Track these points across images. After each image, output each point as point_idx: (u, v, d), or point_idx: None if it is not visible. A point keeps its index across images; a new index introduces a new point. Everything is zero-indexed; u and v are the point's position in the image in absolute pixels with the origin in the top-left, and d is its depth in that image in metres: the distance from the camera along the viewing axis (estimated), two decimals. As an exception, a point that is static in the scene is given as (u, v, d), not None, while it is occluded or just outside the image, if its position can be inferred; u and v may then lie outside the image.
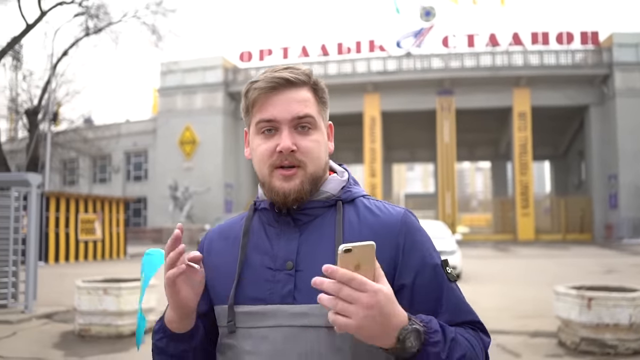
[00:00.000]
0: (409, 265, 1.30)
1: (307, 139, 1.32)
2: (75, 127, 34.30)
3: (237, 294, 1.31)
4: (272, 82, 1.31)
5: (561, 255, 25.41)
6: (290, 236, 1.33)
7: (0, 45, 23.68)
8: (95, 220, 24.62)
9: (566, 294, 7.18)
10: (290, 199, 1.31)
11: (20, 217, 10.70)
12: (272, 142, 1.31)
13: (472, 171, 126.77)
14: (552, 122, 44.11)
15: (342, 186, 1.40)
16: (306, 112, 1.31)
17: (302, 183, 1.30)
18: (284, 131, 1.30)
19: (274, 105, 1.31)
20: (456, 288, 1.33)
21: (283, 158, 1.29)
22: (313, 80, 1.36)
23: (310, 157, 1.31)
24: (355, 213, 1.36)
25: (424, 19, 41.40)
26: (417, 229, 1.35)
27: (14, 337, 8.24)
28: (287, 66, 1.36)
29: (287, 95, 1.31)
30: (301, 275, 1.28)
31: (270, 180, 1.32)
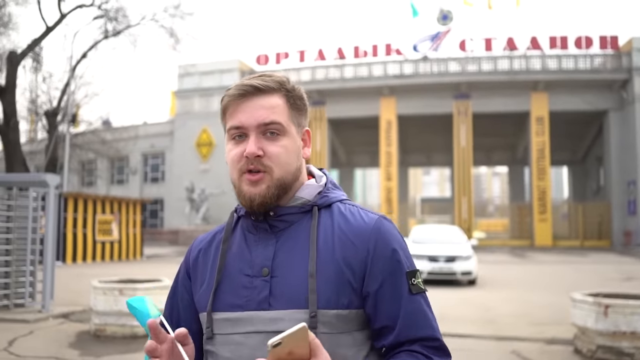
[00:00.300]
0: (375, 274, 1.30)
1: (275, 144, 1.33)
2: (93, 129, 34.63)
3: (216, 301, 1.33)
4: (241, 90, 1.33)
5: (579, 261, 25.18)
6: (267, 242, 1.35)
7: (20, 47, 23.95)
8: (112, 221, 24.81)
9: (583, 301, 7.11)
10: (256, 204, 1.32)
11: (39, 217, 10.82)
12: (240, 147, 1.33)
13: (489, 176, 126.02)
14: (571, 127, 43.76)
15: (318, 191, 1.41)
16: (272, 119, 1.32)
17: (268, 188, 1.31)
18: (251, 137, 1.32)
19: (243, 111, 1.33)
20: (419, 299, 1.32)
21: (249, 163, 1.31)
22: (286, 87, 1.37)
23: (277, 163, 1.32)
24: (330, 218, 1.37)
25: (441, 23, 41.28)
26: (388, 238, 1.34)
27: (31, 336, 8.32)
28: (262, 74, 1.38)
29: (255, 102, 1.33)
30: (276, 281, 1.30)
31: (239, 185, 1.34)
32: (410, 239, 17.00)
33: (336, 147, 47.96)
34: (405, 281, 1.31)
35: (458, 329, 8.67)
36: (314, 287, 1.26)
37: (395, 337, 1.29)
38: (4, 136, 22.32)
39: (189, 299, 1.43)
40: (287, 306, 1.26)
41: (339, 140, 47.61)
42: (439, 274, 15.26)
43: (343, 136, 46.87)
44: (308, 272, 1.28)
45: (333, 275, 1.28)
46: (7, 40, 24.99)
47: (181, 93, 44.96)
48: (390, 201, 40.86)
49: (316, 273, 1.27)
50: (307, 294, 1.26)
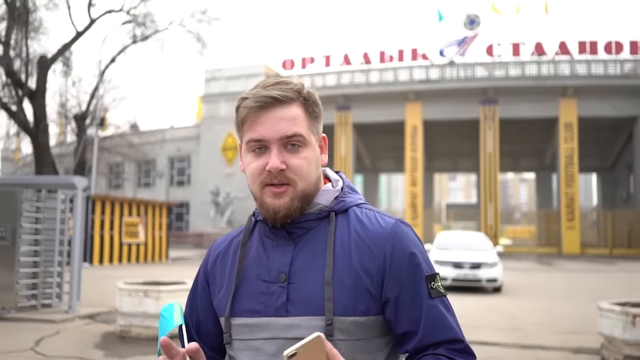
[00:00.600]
0: (394, 279, 1.30)
1: (297, 156, 1.31)
2: (121, 132, 35.11)
3: (234, 306, 1.34)
4: (260, 101, 1.30)
5: (607, 270, 24.79)
6: (285, 249, 1.35)
7: (51, 52, 24.36)
8: (138, 223, 25.07)
9: (610, 310, 7.00)
10: (280, 216, 1.31)
11: (66, 219, 10.97)
12: (261, 160, 1.31)
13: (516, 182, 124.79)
14: (600, 134, 43.12)
15: (335, 196, 1.40)
16: (295, 131, 1.31)
17: (292, 200, 1.31)
18: (273, 150, 1.30)
19: (263, 124, 1.31)
20: (439, 303, 1.31)
21: (272, 176, 1.30)
22: (303, 95, 1.35)
23: (299, 175, 1.31)
24: (347, 224, 1.36)
25: (468, 28, 41.04)
26: (406, 241, 1.34)
27: (57, 336, 8.43)
28: (278, 80, 1.35)
29: (275, 113, 1.31)
30: (294, 288, 1.30)
31: (262, 197, 1.33)
32: (435, 245, 16.89)
33: (361, 152, 47.90)
34: (425, 285, 1.31)
35: (482, 337, 8.58)
36: (330, 295, 1.26)
37: (419, 342, 1.28)
38: (34, 139, 22.68)
39: (208, 302, 1.44)
40: (304, 313, 1.26)
41: (364, 145, 47.55)
42: (464, 280, 15.13)
43: (368, 141, 46.79)
44: (325, 279, 1.28)
45: (350, 282, 1.28)
46: (37, 45, 25.42)
47: (207, 97, 45.33)
48: (415, 207, 40.65)
49: (333, 280, 1.27)
50: (323, 301, 1.26)
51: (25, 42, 22.82)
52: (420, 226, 39.49)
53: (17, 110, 22.70)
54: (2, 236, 10.01)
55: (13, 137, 29.89)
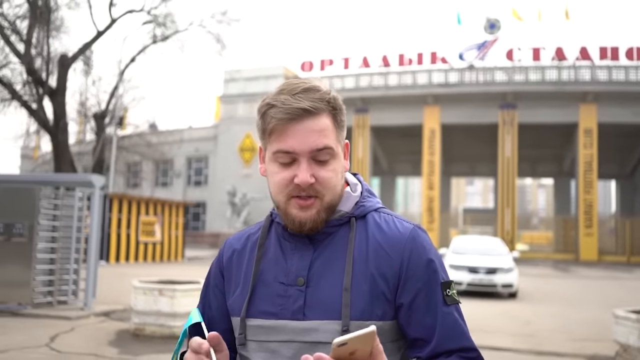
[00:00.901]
0: (410, 284, 1.30)
1: (326, 169, 1.30)
2: (140, 132, 35.34)
3: (250, 307, 1.33)
4: (291, 114, 1.26)
5: (624, 277, 24.52)
6: (304, 253, 1.34)
7: (71, 51, 24.60)
8: (155, 222, 25.23)
9: (625, 318, 6.92)
10: (306, 228, 1.31)
11: (84, 217, 11.07)
12: (289, 172, 1.29)
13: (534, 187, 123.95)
14: (620, 140, 42.65)
15: (355, 202, 1.40)
16: (325, 144, 1.28)
17: (319, 212, 1.30)
18: (302, 164, 1.28)
19: (292, 136, 1.27)
20: (454, 311, 1.31)
21: (300, 190, 1.28)
22: (332, 104, 1.32)
23: (327, 188, 1.30)
24: (365, 229, 1.35)
25: (488, 32, 40.81)
26: (424, 248, 1.34)
27: (72, 333, 8.50)
28: (306, 87, 1.30)
29: (305, 125, 1.27)
30: (311, 291, 1.30)
31: (286, 208, 1.32)
32: (451, 249, 16.79)
33: (378, 155, 47.81)
34: (440, 292, 1.31)
35: (497, 342, 8.53)
36: (348, 302, 1.26)
37: (433, 349, 1.28)
38: (53, 137, 22.92)
39: (222, 299, 1.43)
40: (321, 317, 1.26)
41: (382, 148, 47.46)
42: (479, 285, 15.03)
43: (385, 144, 46.69)
44: (343, 285, 1.28)
45: (367, 287, 1.28)
46: (59, 44, 25.70)
47: (226, 98, 45.53)
48: (432, 211, 40.49)
49: (351, 286, 1.27)
50: (341, 306, 1.26)
51: (47, 41, 23.07)
52: (436, 230, 39.33)
53: (37, 108, 22.94)
54: (20, 233, 10.13)
55: (33, 135, 30.21)
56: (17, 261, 10.13)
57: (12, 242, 10.15)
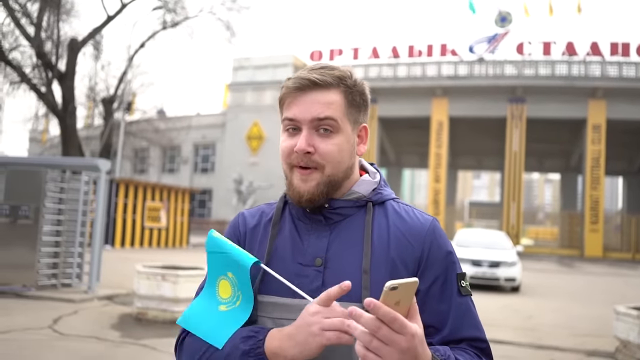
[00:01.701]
0: (428, 273, 1.32)
1: (328, 142, 1.32)
2: (148, 118, 35.39)
3: (264, 283, 1.33)
4: (299, 83, 1.32)
5: (628, 274, 24.47)
6: (320, 233, 1.36)
7: (81, 35, 24.62)
8: (161, 208, 25.32)
9: (626, 314, 6.93)
10: (304, 199, 1.33)
11: (89, 200, 11.13)
12: (292, 140, 1.33)
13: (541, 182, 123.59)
14: (628, 137, 42.43)
15: (373, 188, 1.42)
16: (327, 115, 1.31)
17: (318, 185, 1.32)
18: (303, 132, 1.32)
19: (298, 105, 1.33)
20: (467, 302, 1.34)
21: (299, 158, 1.32)
22: (346, 82, 1.35)
23: (328, 160, 1.32)
24: (385, 216, 1.38)
25: (499, 25, 40.57)
26: (443, 239, 1.37)
27: (75, 316, 8.57)
28: (324, 65, 1.36)
29: (311, 96, 1.32)
30: (329, 272, 1.30)
31: (291, 178, 1.36)
32: (455, 242, 16.79)
33: (385, 146, 47.74)
34: (456, 282, 1.34)
35: (498, 335, 8.54)
36: (368, 284, 1.27)
37: (445, 336, 1.30)
38: (61, 121, 22.98)
39: None
40: (339, 298, 1.23)
41: (389, 140, 47.39)
42: (482, 278, 15.06)
43: (393, 135, 46.62)
44: (362, 267, 1.29)
45: (387, 272, 1.29)
46: (69, 28, 25.75)
47: (234, 86, 45.52)
48: (438, 203, 40.45)
49: (370, 269, 1.28)
50: (360, 289, 1.27)
51: (57, 25, 23.07)
52: (441, 223, 39.20)
53: (46, 91, 22.99)
54: (26, 215, 10.20)
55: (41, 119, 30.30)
56: (23, 243, 10.20)
57: (18, 224, 10.23)
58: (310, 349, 1.17)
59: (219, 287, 1.34)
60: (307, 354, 1.18)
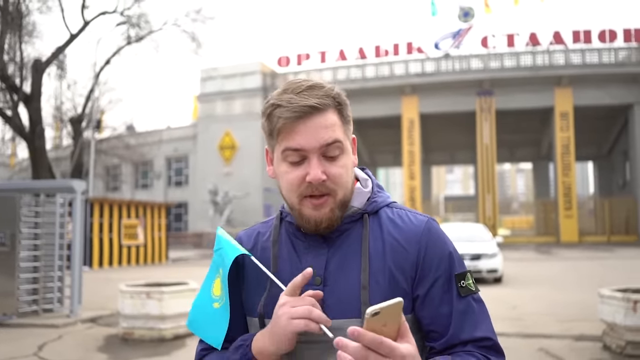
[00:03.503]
0: (426, 276, 1.30)
1: (336, 165, 1.29)
2: (117, 134, 35.06)
3: (267, 305, 1.31)
4: (298, 111, 1.26)
5: (606, 257, 24.86)
6: (318, 251, 1.33)
7: (45, 55, 24.31)
8: (137, 225, 25.05)
9: (611, 297, 7.02)
10: (322, 227, 1.30)
11: (65, 223, 10.96)
12: (300, 170, 1.28)
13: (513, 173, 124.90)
14: (596, 122, 43.21)
15: (367, 197, 1.39)
16: (334, 138, 1.27)
17: (333, 210, 1.29)
18: (313, 160, 1.27)
19: (301, 134, 1.26)
20: (470, 302, 1.32)
21: (313, 188, 1.27)
22: (337, 100, 1.31)
23: (339, 184, 1.29)
24: (379, 225, 1.35)
25: (463, 20, 41.02)
26: (439, 239, 1.34)
27: (60, 341, 8.43)
28: (310, 85, 1.30)
29: (313, 122, 1.26)
30: (329, 290, 1.28)
31: (300, 209, 1.30)
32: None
33: (359, 146, 47.07)
34: (455, 284, 1.31)
35: (484, 328, 8.59)
36: (367, 299, 1.25)
37: (447, 340, 1.28)
38: (29, 143, 22.65)
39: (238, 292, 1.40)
40: (340, 315, 1.24)
41: (362, 140, 47.54)
42: (464, 272, 15.14)
43: (365, 136, 46.81)
44: (361, 283, 1.27)
45: (386, 284, 1.28)
46: (32, 49, 25.44)
47: (203, 97, 45.29)
48: (414, 200, 40.69)
49: (369, 283, 1.27)
50: (359, 304, 1.25)
51: (19, 46, 22.78)
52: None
53: (12, 115, 22.67)
54: (2, 242, 10.00)
55: (9, 142, 29.84)
56: (0, 271, 10.00)
57: (-6, 252, 10.01)
58: (283, 341, 1.20)
59: (214, 285, 1.38)
60: (282, 346, 1.21)
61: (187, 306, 8.51)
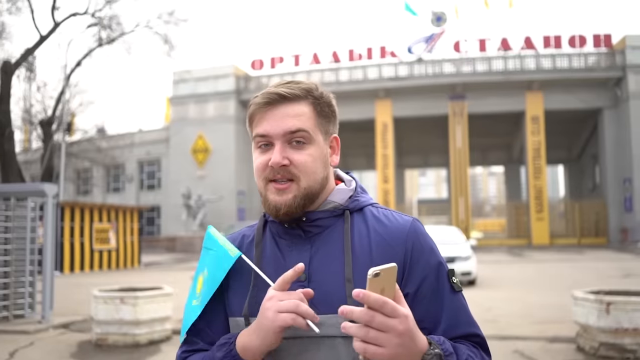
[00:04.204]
0: (415, 274, 1.31)
1: (301, 153, 1.32)
2: (89, 137, 34.62)
3: (252, 305, 1.31)
4: (267, 98, 1.32)
5: (576, 259, 25.23)
6: (301, 248, 1.35)
7: (14, 57, 23.90)
8: (109, 229, 24.74)
9: (584, 299, 7.11)
10: (281, 213, 1.32)
11: (37, 227, 10.77)
12: (266, 156, 1.33)
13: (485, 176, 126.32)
14: (566, 126, 43.90)
15: (349, 195, 1.41)
16: (299, 127, 1.31)
17: (295, 197, 1.31)
18: (277, 146, 1.31)
19: (268, 120, 1.32)
20: (460, 298, 1.34)
21: (275, 172, 1.31)
22: (314, 94, 1.36)
23: (303, 171, 1.31)
24: (364, 222, 1.37)
25: (435, 25, 41.39)
26: (425, 238, 1.36)
27: (32, 347, 8.27)
28: (290, 80, 1.38)
29: (281, 110, 1.32)
30: (314, 286, 1.29)
31: (265, 193, 1.34)
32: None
33: (332, 150, 47.88)
34: (447, 280, 1.33)
35: (460, 330, 8.64)
36: (351, 292, 1.24)
37: (441, 334, 1.28)
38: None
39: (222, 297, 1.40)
40: (326, 311, 1.25)
41: (335, 144, 47.62)
42: (439, 275, 15.22)
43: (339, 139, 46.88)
44: (345, 276, 1.28)
45: None
46: (0, 50, 24.95)
47: (176, 99, 44.96)
48: (388, 203, 40.84)
49: (353, 277, 1.27)
50: (345, 298, 1.25)
51: (-12, 48, 22.36)
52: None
53: (-20, 117, 22.20)
54: (-29, 247, 9.79)
55: (-23, 146, 29.25)
56: (-31, 276, 9.79)
57: (-37, 257, 9.80)
58: (269, 335, 1.20)
59: (198, 282, 1.40)
60: (268, 342, 1.21)
61: (162, 311, 8.44)
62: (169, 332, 8.60)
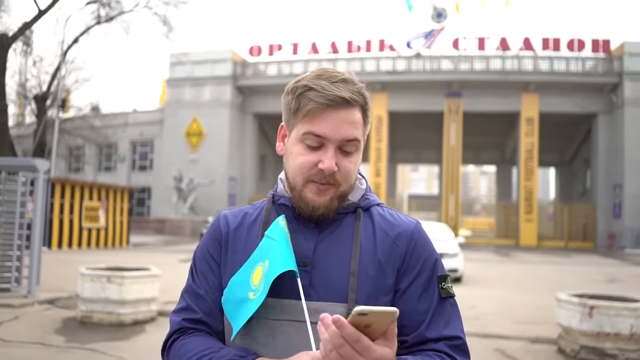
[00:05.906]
0: (410, 272, 1.36)
1: (349, 160, 1.33)
2: (82, 115, 34.40)
3: None
4: (331, 101, 1.29)
5: (563, 262, 25.38)
6: (308, 234, 1.37)
7: (12, 30, 23.71)
8: (99, 208, 24.70)
9: (568, 302, 7.18)
10: (318, 213, 1.34)
11: (27, 202, 10.74)
12: (314, 156, 1.31)
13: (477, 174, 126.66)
14: (560, 129, 44.03)
15: (362, 194, 1.45)
16: (355, 136, 1.32)
17: (332, 199, 1.33)
18: (330, 150, 1.30)
19: (327, 121, 1.30)
20: (446, 303, 1.37)
21: (322, 176, 1.30)
22: (366, 100, 1.35)
23: (346, 178, 1.34)
24: (370, 220, 1.41)
25: (435, 20, 41.34)
26: (426, 241, 1.41)
27: (16, 321, 8.28)
28: (345, 78, 1.34)
29: (341, 114, 1.30)
30: (316, 273, 1.32)
31: (303, 191, 1.34)
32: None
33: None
34: (436, 284, 1.37)
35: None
36: (354, 286, 1.29)
37: (419, 335, 1.32)
38: (-8, 119, 22.09)
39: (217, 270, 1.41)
40: (325, 299, 1.29)
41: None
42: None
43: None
44: (350, 269, 1.31)
45: (374, 274, 1.32)
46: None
47: (172, 82, 44.76)
48: (379, 197, 40.55)
49: (358, 272, 1.31)
50: (347, 290, 1.29)
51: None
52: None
53: (-25, 89, 22.05)
54: (-40, 218, 9.76)
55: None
56: (-43, 248, 9.77)
57: (-49, 228, 9.78)
58: None
59: (254, 273, 1.34)
60: None
61: (148, 292, 8.46)
62: (154, 313, 8.62)
